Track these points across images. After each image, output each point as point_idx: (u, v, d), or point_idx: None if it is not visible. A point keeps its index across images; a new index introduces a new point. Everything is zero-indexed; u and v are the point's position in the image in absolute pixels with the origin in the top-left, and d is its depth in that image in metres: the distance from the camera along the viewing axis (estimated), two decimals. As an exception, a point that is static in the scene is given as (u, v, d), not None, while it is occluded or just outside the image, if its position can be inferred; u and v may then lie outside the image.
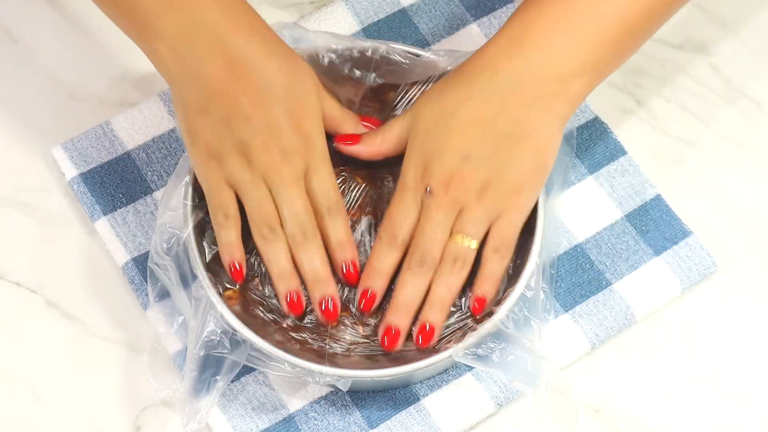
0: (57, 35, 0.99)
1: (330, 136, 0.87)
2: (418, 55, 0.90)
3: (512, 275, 0.86)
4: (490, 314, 0.84)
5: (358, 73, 0.91)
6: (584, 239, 0.92)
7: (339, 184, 0.89)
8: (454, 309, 0.86)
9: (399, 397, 0.88)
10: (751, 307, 0.92)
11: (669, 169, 0.96)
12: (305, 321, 0.86)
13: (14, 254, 0.93)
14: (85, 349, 0.90)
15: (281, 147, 0.83)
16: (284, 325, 0.86)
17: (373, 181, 0.90)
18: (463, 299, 0.87)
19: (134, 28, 0.82)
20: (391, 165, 0.89)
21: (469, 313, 0.86)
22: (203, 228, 0.86)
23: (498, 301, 0.85)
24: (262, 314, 0.86)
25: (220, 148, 0.82)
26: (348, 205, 0.89)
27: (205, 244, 0.86)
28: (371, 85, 0.91)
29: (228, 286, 0.86)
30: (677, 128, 0.98)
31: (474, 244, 0.84)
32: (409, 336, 0.85)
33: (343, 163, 0.89)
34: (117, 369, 0.89)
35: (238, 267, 0.84)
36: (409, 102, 0.92)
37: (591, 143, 0.96)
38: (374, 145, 0.87)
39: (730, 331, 0.91)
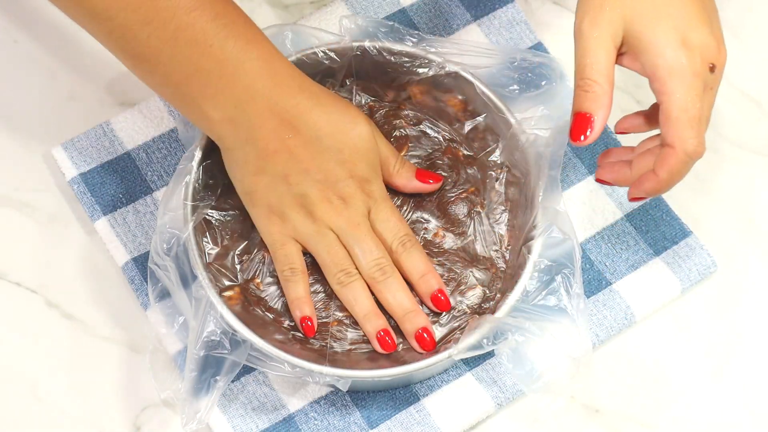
0: (57, 35, 0.99)
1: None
2: (415, 56, 0.90)
3: (512, 275, 0.86)
4: (490, 314, 0.84)
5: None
6: (584, 239, 0.92)
7: None
8: (454, 309, 0.86)
9: (399, 397, 0.88)
10: (751, 307, 0.92)
11: (669, 169, 0.96)
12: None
13: (14, 254, 0.93)
14: (85, 349, 0.90)
15: (339, 194, 0.85)
16: (284, 325, 0.86)
17: None
18: (462, 300, 0.87)
19: (183, 101, 0.83)
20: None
21: (468, 313, 0.86)
22: (203, 228, 0.86)
23: (498, 301, 0.85)
24: (262, 314, 0.86)
25: (281, 205, 0.84)
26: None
27: (205, 244, 0.86)
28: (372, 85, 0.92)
29: (228, 285, 0.86)
30: (677, 128, 0.98)
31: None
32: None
33: None
34: (117, 369, 0.89)
35: (310, 323, 0.85)
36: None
37: (591, 143, 0.95)
38: None
39: (730, 332, 0.91)
